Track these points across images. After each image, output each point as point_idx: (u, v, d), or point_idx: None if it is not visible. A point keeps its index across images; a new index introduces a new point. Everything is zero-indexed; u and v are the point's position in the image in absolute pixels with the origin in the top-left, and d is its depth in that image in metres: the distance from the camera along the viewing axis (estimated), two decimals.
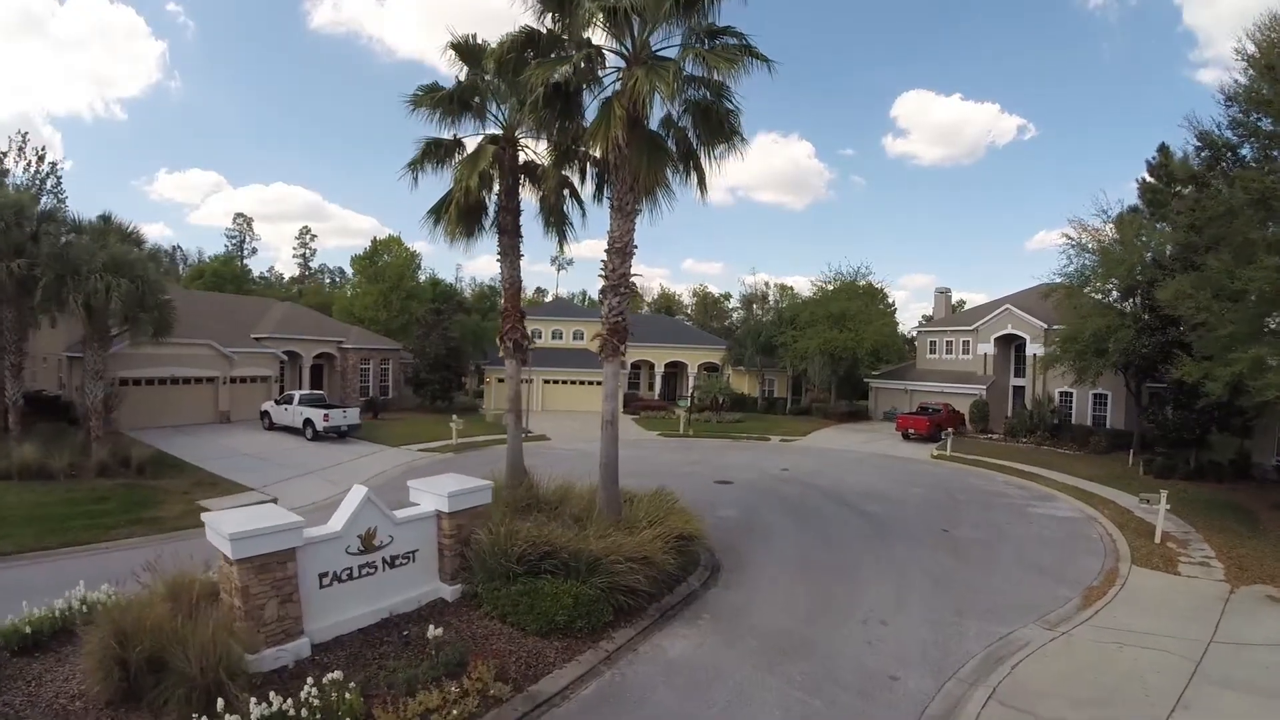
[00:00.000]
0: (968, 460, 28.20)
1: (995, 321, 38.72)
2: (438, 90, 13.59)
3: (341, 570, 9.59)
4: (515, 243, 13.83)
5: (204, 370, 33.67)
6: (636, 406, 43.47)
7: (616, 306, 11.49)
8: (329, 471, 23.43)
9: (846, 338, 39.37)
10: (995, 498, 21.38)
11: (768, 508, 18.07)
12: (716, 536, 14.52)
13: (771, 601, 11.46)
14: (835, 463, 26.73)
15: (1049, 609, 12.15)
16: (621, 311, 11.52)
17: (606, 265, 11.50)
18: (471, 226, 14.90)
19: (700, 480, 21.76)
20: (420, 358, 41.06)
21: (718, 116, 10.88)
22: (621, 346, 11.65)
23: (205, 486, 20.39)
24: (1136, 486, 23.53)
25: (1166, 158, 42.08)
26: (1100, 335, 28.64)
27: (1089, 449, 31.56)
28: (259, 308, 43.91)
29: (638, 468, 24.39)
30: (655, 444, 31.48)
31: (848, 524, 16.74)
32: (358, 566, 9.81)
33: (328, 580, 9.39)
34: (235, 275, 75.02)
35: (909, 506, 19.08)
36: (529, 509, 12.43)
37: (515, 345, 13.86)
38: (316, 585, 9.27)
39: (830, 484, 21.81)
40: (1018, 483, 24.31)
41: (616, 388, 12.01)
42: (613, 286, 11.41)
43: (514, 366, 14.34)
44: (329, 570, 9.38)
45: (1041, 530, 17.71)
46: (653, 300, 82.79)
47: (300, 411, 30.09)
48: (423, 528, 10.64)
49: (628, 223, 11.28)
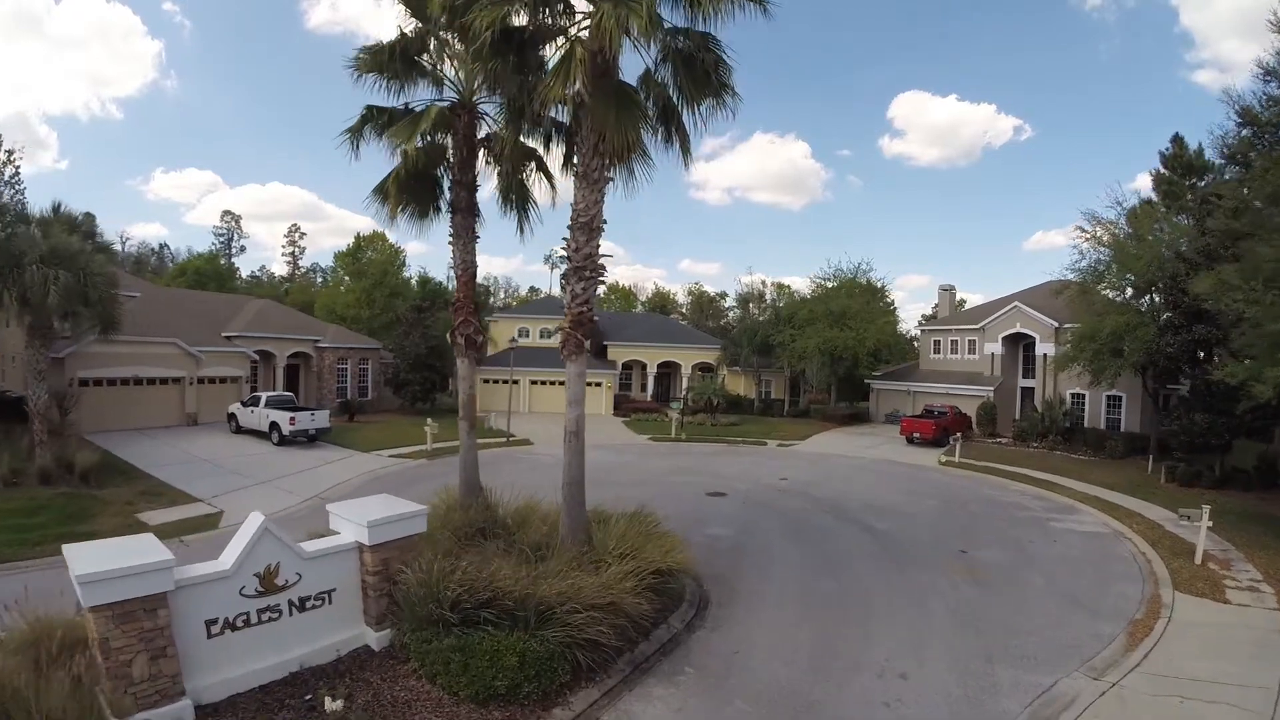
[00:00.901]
0: (978, 467, 26.37)
1: (1003, 320, 36.91)
2: (381, 48, 11.71)
3: (235, 616, 7.83)
4: (470, 223, 11.92)
5: (169, 370, 31.91)
6: (628, 408, 41.60)
7: (581, 294, 9.62)
8: (288, 480, 21.64)
9: (847, 337, 37.51)
10: (1012, 510, 19.55)
11: (764, 525, 16.20)
12: (705, 562, 12.65)
13: (768, 647, 9.58)
14: (837, 470, 24.86)
15: (1092, 650, 10.36)
16: (587, 300, 9.64)
17: (569, 244, 9.63)
18: (425, 206, 13.03)
19: (690, 491, 19.86)
20: (401, 357, 39.14)
21: (703, 66, 9.00)
22: (586, 342, 9.75)
23: (150, 497, 18.70)
24: (1161, 496, 21.93)
25: (1181, 148, 40.42)
26: (1119, 334, 26.88)
27: (1104, 454, 29.81)
28: (233, 305, 42.00)
29: (622, 476, 22.57)
30: (644, 449, 29.59)
31: (854, 544, 14.86)
32: (256, 611, 8.02)
33: (218, 628, 7.68)
34: (219, 273, 73.11)
35: (921, 522, 17.21)
36: (482, 534, 10.57)
37: (467, 342, 11.96)
38: (204, 634, 7.58)
39: (833, 495, 19.93)
40: (1034, 492, 22.50)
41: (582, 392, 10.11)
42: (576, 269, 9.55)
43: (466, 367, 12.44)
44: (219, 616, 7.69)
45: (1068, 549, 15.90)
46: (647, 299, 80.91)
47: (266, 414, 28.29)
48: (341, 563, 8.77)
49: (594, 193, 9.40)
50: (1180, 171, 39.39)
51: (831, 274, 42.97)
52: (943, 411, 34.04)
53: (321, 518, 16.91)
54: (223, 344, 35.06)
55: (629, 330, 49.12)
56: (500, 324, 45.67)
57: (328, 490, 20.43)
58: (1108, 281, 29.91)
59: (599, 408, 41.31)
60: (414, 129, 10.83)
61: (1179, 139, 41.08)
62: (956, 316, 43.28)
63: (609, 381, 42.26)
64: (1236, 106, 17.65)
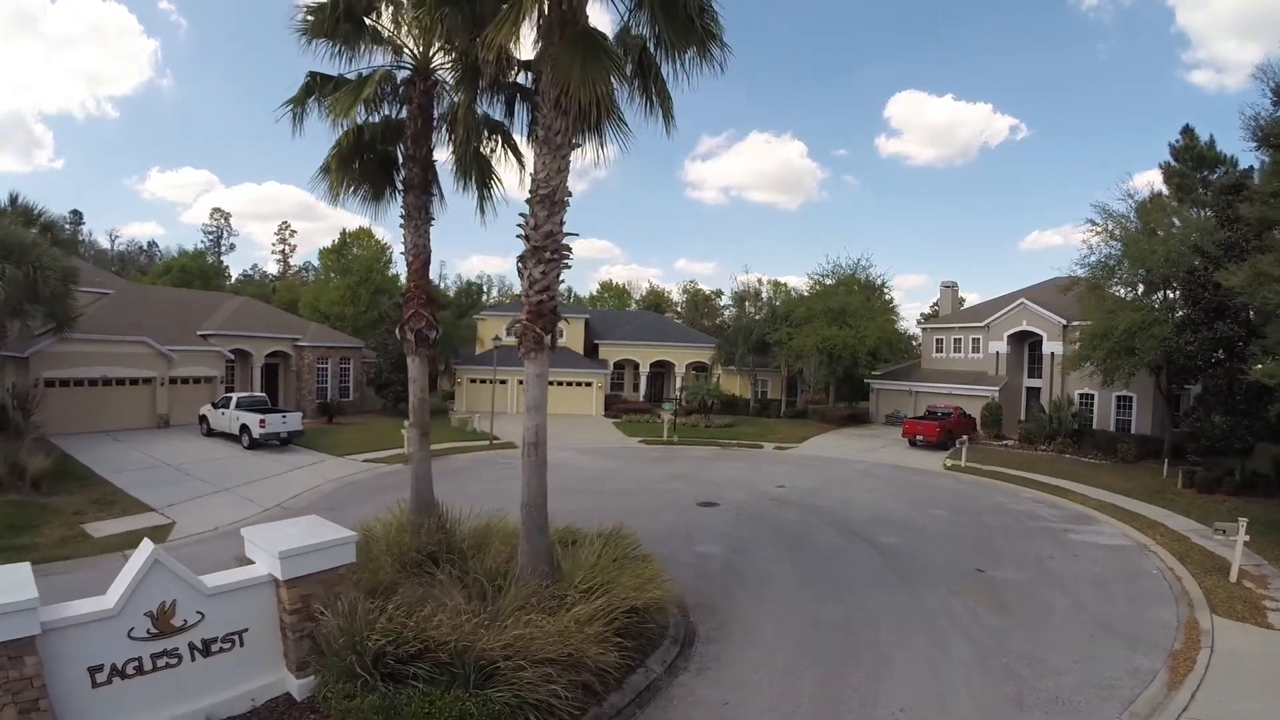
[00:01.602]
0: (985, 472, 25.03)
1: (1009, 317, 35.57)
2: (324, 6, 10.27)
3: (125, 662, 6.58)
4: (424, 203, 10.48)
5: (139, 370, 30.58)
6: (618, 409, 40.16)
7: (540, 279, 8.18)
8: (252, 486, 20.28)
9: (847, 335, 36.12)
10: (1026, 520, 18.20)
11: (760, 541, 14.76)
12: (693, 587, 11.26)
13: (763, 695, 8.17)
14: (838, 476, 23.46)
15: (1132, 691, 9.06)
16: (548, 286, 8.20)
17: (528, 220, 8.22)
18: (380, 186, 11.60)
19: (680, 500, 18.44)
20: (384, 356, 37.66)
21: (686, 11, 7.59)
22: (547, 336, 8.30)
23: (103, 505, 17.39)
24: (1181, 504, 20.70)
25: (1191, 140, 39.21)
26: (1133, 331, 25.56)
27: (1116, 458, 28.49)
28: (211, 303, 40.51)
29: (609, 482, 21.17)
30: (634, 453, 28.17)
31: (860, 563, 13.44)
32: (150, 656, 6.78)
33: (104, 676, 6.47)
34: (205, 270, 71.60)
35: (931, 536, 15.81)
36: (433, 560, 9.15)
37: (418, 338, 10.50)
38: (87, 683, 6.39)
39: (835, 505, 18.52)
40: (1047, 500, 21.17)
41: (542, 396, 8.62)
42: (535, 250, 8.13)
43: (417, 366, 10.78)
44: (105, 662, 6.48)
45: (1091, 566, 14.56)
46: (641, 297, 79.42)
47: (236, 416, 26.96)
48: (253, 599, 7.38)
49: (557, 160, 7.99)
50: (1191, 163, 38.20)
51: (830, 270, 41.59)
52: (947, 412, 32.68)
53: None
54: (197, 343, 33.69)
55: (621, 328, 47.67)
56: (488, 322, 44.22)
57: (292, 499, 19.18)
58: (1119, 277, 28.63)
59: (589, 409, 39.92)
60: (356, 96, 9.41)
61: (1189, 130, 39.84)
62: (960, 314, 41.92)
63: (599, 381, 40.85)
64: (1271, 83, 16.27)
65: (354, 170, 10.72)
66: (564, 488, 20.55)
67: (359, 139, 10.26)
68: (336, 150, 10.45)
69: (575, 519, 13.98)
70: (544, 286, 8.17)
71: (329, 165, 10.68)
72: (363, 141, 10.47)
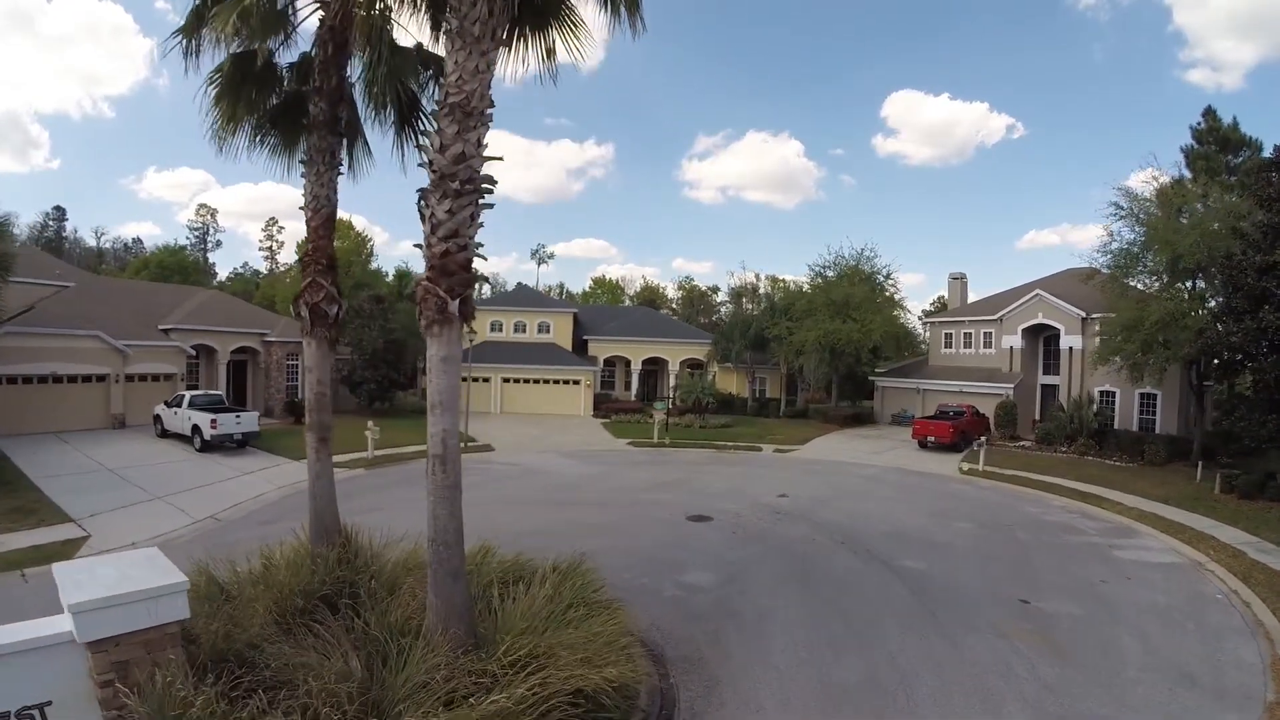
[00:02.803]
0: (1005, 476, 22.78)
1: (1023, 310, 33.32)
2: None
3: None
4: (331, 145, 8.15)
5: (92, 367, 28.34)
6: (608, 409, 37.83)
7: (446, 219, 5.76)
8: (191, 494, 18.25)
9: (851, 329, 33.82)
10: (1063, 534, 15.96)
11: (760, 567, 12.40)
12: (676, 633, 8.99)
13: None
14: (845, 483, 21.16)
15: None
16: (458, 231, 5.82)
17: (432, 141, 5.88)
18: (293, 134, 9.35)
19: (667, 514, 16.09)
20: (357, 352, 35.33)
21: None
22: (455, 303, 5.86)
23: (20, 515, 15.47)
24: (1224, 512, 18.69)
25: (1214, 122, 37.18)
26: (1166, 323, 23.39)
27: (1143, 460, 26.27)
28: (177, 297, 38.18)
29: (588, 492, 18.84)
30: (621, 456, 25.85)
31: (882, 595, 11.11)
32: None
33: None
34: (184, 266, 69.20)
35: (960, 557, 13.49)
36: (329, 605, 6.88)
37: (314, 314, 8.06)
38: None
39: (845, 519, 16.18)
40: (1080, 509, 18.95)
41: (452, 388, 6.20)
42: (442, 179, 5.72)
43: (315, 352, 8.26)
44: None
45: (1149, 592, 12.36)
46: (636, 294, 77.07)
47: (188, 416, 24.70)
48: (56, 664, 5.11)
49: (474, 56, 5.64)
50: (1215, 146, 36.15)
51: (831, 261, 39.19)
52: (960, 412, 30.41)
53: (213, 542, 13.37)
54: (158, 338, 31.39)
55: (611, 324, 45.37)
56: None
57: (229, 508, 17.15)
58: (1147, 265, 26.46)
59: (577, 408, 37.63)
60: (236, 6, 7.10)
61: (1211, 112, 37.78)
62: (970, 307, 39.67)
63: (588, 379, 38.52)
64: None
65: (251, 102, 8.43)
66: (534, 497, 18.12)
67: (249, 65, 7.98)
68: (223, 74, 8.16)
69: (535, 541, 11.71)
70: (451, 231, 5.82)
71: (218, 98, 8.39)
72: (253, 71, 8.17)
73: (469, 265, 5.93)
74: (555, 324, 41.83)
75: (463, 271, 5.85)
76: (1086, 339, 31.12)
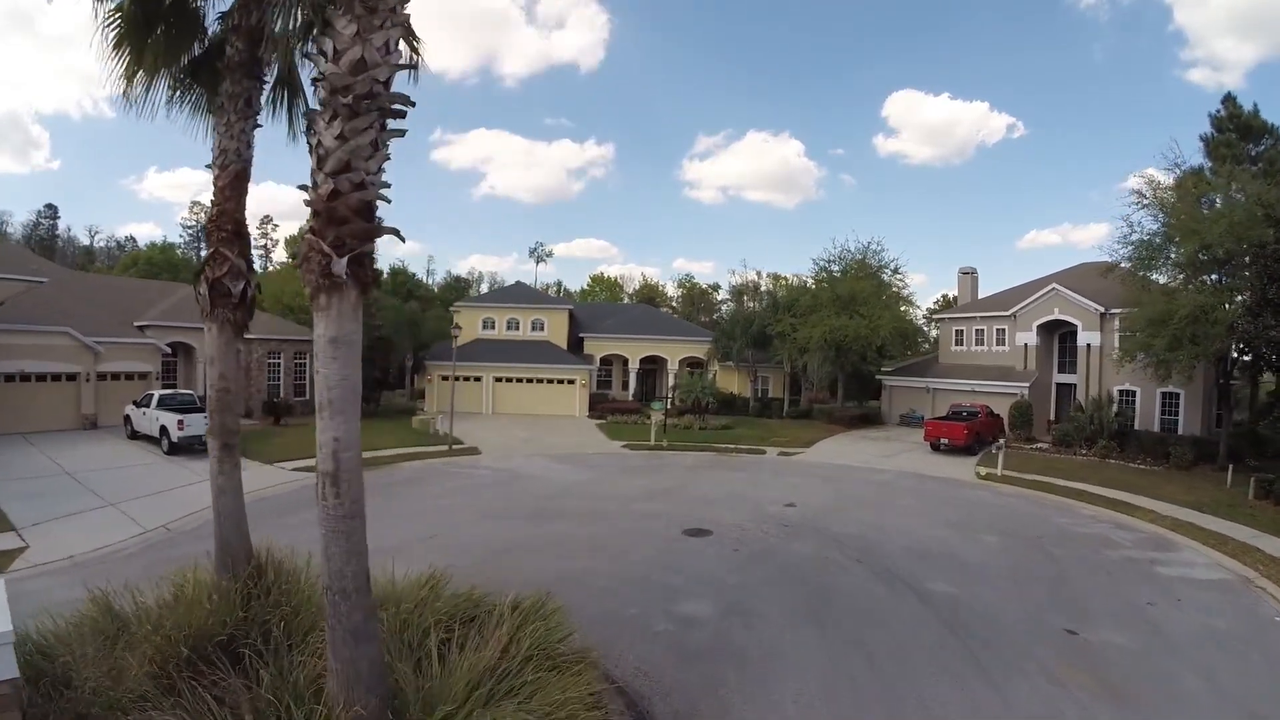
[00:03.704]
0: (1026, 481, 21.27)
1: (1038, 305, 31.78)
2: None
3: None
4: (247, 90, 6.66)
5: (62, 365, 27.07)
6: (604, 409, 36.30)
7: (336, 147, 4.07)
8: (147, 501, 16.92)
9: (858, 325, 32.28)
10: (1099, 548, 14.44)
11: (767, 593, 10.69)
12: (667, 681, 7.47)
13: None
14: (857, 491, 19.61)
15: None
16: (348, 162, 4.14)
17: (324, 47, 4.38)
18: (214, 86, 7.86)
19: (661, 527, 14.50)
20: None
21: None
22: (338, 260, 4.18)
23: None
24: (1265, 520, 17.49)
25: (1234, 108, 35.71)
26: (1197, 317, 21.90)
27: (1168, 463, 24.78)
28: (156, 293, 36.80)
29: (574, 502, 17.07)
30: (615, 460, 24.32)
31: (911, 629, 9.55)
32: None
33: None
34: (174, 263, 67.90)
35: (992, 578, 11.91)
36: (226, 653, 5.40)
37: (214, 291, 6.54)
38: None
39: (860, 532, 14.60)
40: (1110, 517, 17.48)
41: (347, 383, 4.64)
42: (333, 94, 4.16)
43: (215, 338, 6.80)
44: None
45: (1203, 616, 10.89)
46: (634, 291, 75.53)
47: (156, 417, 23.28)
48: None
49: None
50: (1236, 133, 34.67)
51: (836, 255, 37.54)
52: (973, 412, 28.86)
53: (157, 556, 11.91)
54: (133, 335, 30.00)
55: (608, 321, 43.82)
56: (462, 313, 40.40)
57: (185, 517, 15.79)
58: (1169, 256, 24.99)
59: (571, 409, 36.10)
60: None
61: (1230, 99, 36.30)
62: (981, 303, 38.10)
63: (583, 379, 36.99)
64: None
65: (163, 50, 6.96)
66: (515, 508, 16.49)
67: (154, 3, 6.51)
68: (122, 19, 6.69)
69: (509, 561, 10.27)
70: (342, 163, 4.24)
71: (118, 42, 6.92)
72: (160, 10, 6.71)
73: (369, 211, 4.40)
74: (550, 321, 40.32)
75: (357, 218, 4.30)
76: (1105, 335, 29.64)
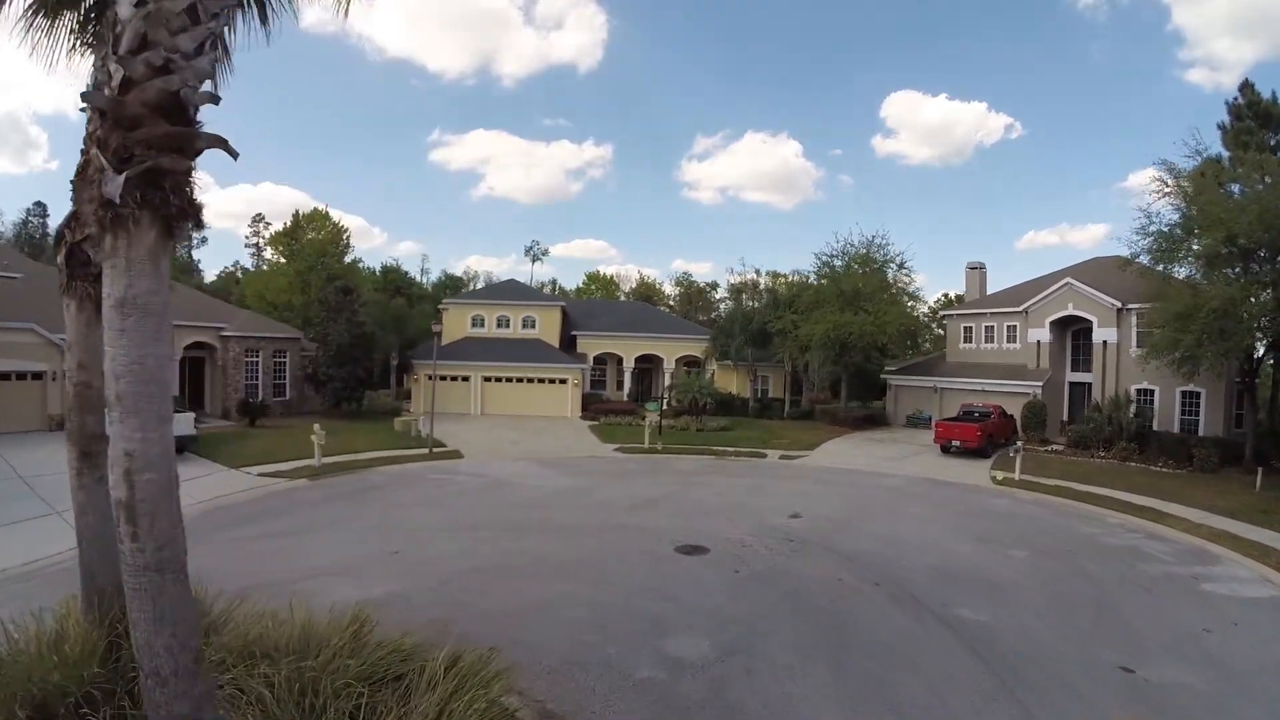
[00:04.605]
0: (1047, 487, 19.87)
1: (1052, 301, 30.38)
2: None
3: None
4: None
5: (27, 363, 25.70)
6: (597, 410, 34.84)
7: (134, 17, 2.72)
8: None
9: (863, 321, 30.84)
10: (1139, 564, 13.00)
11: (773, 626, 9.08)
12: None
13: None
14: (867, 498, 18.14)
15: None
16: (145, 35, 2.85)
17: None
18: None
19: (653, 544, 12.92)
20: (323, 348, 32.38)
21: None
22: (111, 176, 2.78)
23: None
24: None
25: (1253, 96, 34.41)
26: (1226, 310, 20.55)
27: (1192, 466, 23.41)
28: None
29: (558, 512, 15.43)
30: (607, 464, 22.86)
31: (940, 667, 8.03)
32: None
33: None
34: None
35: (1029, 601, 10.40)
36: (87, 710, 3.98)
37: (72, 262, 4.82)
38: None
39: (875, 548, 13.03)
40: (1140, 526, 16.08)
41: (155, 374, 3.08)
42: None
43: (74, 318, 5.23)
44: None
45: (1267, 644, 9.53)
46: (631, 289, 74.07)
47: None
48: None
49: None
50: (1256, 121, 33.38)
51: (839, 250, 36.03)
52: (986, 412, 27.44)
53: None
54: None
55: (602, 319, 42.34)
56: (451, 311, 38.95)
57: None
58: (1193, 249, 23.63)
59: (563, 409, 34.64)
60: None
61: (1249, 85, 35.02)
62: (991, 299, 36.70)
63: (576, 378, 35.51)
64: None
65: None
66: (491, 519, 15.00)
67: None
68: None
69: (473, 584, 8.84)
70: (139, 37, 2.81)
71: None
72: None
73: (178, 109, 2.98)
74: (541, 319, 38.87)
75: (159, 118, 2.86)
76: (1122, 331, 28.28)
